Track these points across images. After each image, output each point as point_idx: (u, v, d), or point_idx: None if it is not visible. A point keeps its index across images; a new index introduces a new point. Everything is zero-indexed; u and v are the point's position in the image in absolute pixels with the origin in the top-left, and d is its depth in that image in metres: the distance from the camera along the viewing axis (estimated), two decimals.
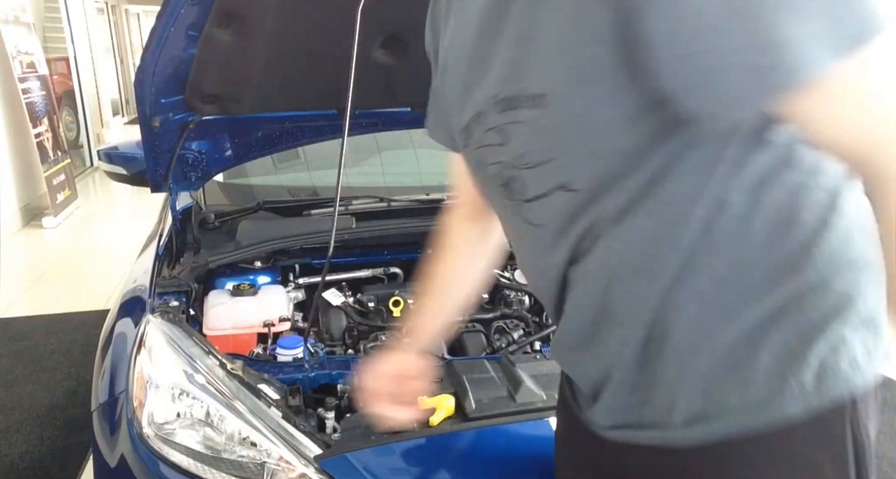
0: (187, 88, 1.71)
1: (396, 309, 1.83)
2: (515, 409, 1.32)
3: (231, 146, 2.06)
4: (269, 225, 2.05)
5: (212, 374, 1.32)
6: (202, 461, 1.21)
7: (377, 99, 2.02)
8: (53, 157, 5.95)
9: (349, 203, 2.09)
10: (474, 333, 1.75)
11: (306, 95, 1.90)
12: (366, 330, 1.78)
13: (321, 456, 1.21)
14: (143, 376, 1.34)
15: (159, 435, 1.25)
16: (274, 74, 1.79)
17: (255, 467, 1.21)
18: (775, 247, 0.67)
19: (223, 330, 1.66)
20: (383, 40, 1.81)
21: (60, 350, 3.21)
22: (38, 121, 5.77)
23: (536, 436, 1.31)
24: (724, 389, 0.70)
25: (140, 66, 1.56)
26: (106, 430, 1.36)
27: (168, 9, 1.44)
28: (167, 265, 1.86)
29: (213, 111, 1.84)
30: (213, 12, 1.51)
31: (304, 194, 2.42)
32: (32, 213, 5.81)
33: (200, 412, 1.27)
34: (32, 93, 5.79)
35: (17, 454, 2.38)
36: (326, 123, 2.08)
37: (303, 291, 1.93)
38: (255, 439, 1.23)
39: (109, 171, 2.36)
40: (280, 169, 2.60)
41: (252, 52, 1.68)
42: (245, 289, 1.78)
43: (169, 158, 1.85)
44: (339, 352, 1.70)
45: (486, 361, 1.49)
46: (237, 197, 2.38)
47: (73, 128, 8.09)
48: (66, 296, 4.07)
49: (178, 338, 1.41)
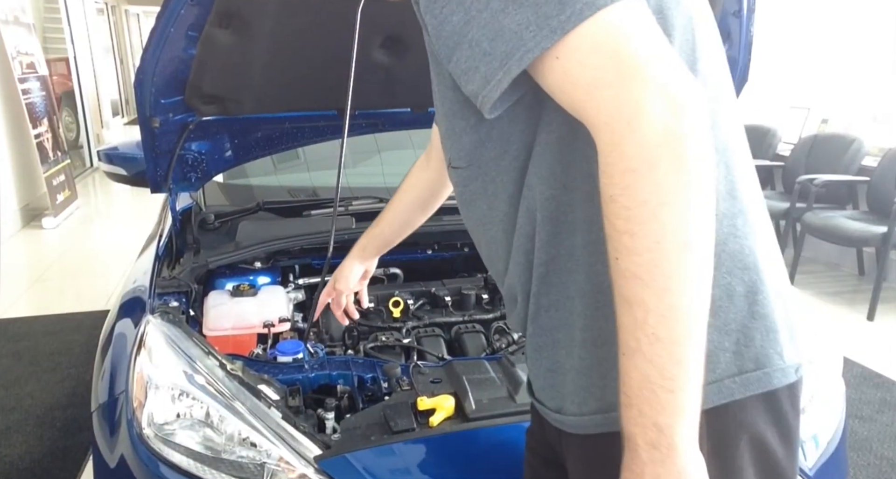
0: (187, 88, 1.71)
1: (396, 310, 1.83)
2: (515, 409, 1.31)
3: (231, 147, 2.06)
4: (269, 225, 2.05)
5: (212, 375, 1.32)
6: (202, 462, 1.21)
7: (377, 99, 2.02)
8: (53, 157, 5.95)
9: (349, 203, 2.09)
10: (474, 333, 1.75)
11: (306, 95, 1.90)
12: (366, 331, 1.78)
13: (321, 457, 1.21)
14: (142, 376, 1.34)
15: (159, 436, 1.25)
16: (274, 74, 1.79)
17: (254, 467, 1.21)
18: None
19: (223, 331, 1.66)
20: (383, 40, 1.81)
21: (60, 350, 3.21)
22: (37, 121, 5.78)
23: None
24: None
25: (140, 67, 1.56)
26: (106, 430, 1.36)
27: (168, 9, 1.44)
28: (167, 266, 1.86)
29: (213, 112, 1.84)
30: (213, 12, 1.51)
31: (304, 195, 2.42)
32: (32, 213, 5.81)
33: (200, 413, 1.27)
34: (32, 93, 5.79)
35: (17, 455, 2.38)
36: (326, 123, 2.08)
37: (303, 291, 1.93)
38: (255, 439, 1.23)
39: (109, 171, 2.36)
40: (280, 169, 2.60)
41: (252, 52, 1.68)
42: (245, 289, 1.78)
43: (169, 159, 1.85)
44: (339, 352, 1.70)
45: (486, 361, 1.49)
46: (237, 197, 2.38)
47: (72, 128, 8.09)
48: (66, 296, 4.07)
49: (177, 338, 1.41)
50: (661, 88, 0.60)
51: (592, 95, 0.63)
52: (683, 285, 0.61)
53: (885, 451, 2.49)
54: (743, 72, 1.88)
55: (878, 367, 3.16)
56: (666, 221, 0.60)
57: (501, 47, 0.66)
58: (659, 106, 0.60)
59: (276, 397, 1.36)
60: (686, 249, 0.61)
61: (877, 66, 4.75)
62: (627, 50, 0.62)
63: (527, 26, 0.64)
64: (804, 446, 1.42)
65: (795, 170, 4.60)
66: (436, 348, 1.69)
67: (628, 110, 0.60)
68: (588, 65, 0.62)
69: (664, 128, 0.60)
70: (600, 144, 0.63)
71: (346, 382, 1.49)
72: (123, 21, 13.87)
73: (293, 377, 1.48)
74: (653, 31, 0.64)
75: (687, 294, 0.61)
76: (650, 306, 0.61)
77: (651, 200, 0.60)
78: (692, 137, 0.61)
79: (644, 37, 0.63)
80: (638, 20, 0.63)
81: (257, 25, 1.60)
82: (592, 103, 0.63)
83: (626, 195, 0.61)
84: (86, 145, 8.18)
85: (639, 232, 0.61)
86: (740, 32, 1.78)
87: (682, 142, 0.60)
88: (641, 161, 0.60)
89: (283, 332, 1.71)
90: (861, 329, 3.68)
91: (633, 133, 0.60)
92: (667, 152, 0.60)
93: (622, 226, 0.62)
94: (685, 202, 0.60)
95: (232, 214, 2.14)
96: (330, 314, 1.83)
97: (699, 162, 0.61)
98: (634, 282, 0.62)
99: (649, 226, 0.60)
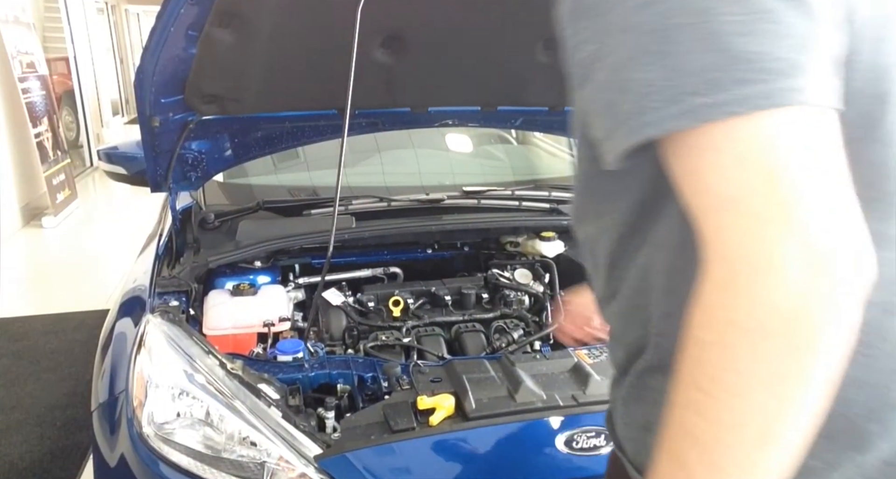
0: (187, 87, 1.71)
1: (396, 309, 1.83)
2: (515, 409, 1.32)
3: (231, 146, 2.06)
4: (269, 225, 2.05)
5: (212, 374, 1.33)
6: (202, 461, 1.21)
7: (377, 99, 2.02)
8: (53, 157, 5.95)
9: (349, 203, 2.09)
10: (474, 333, 1.76)
11: (306, 94, 1.90)
12: (366, 330, 1.78)
13: (321, 456, 1.21)
14: (142, 375, 1.34)
15: (159, 435, 1.25)
16: (274, 74, 1.79)
17: (255, 466, 1.21)
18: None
19: (223, 330, 1.66)
20: (383, 40, 1.81)
21: (60, 350, 3.21)
22: (37, 121, 5.77)
23: (536, 436, 1.31)
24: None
25: (140, 67, 1.56)
26: (106, 430, 1.36)
27: (168, 9, 1.44)
28: (167, 265, 1.86)
29: (213, 111, 1.84)
30: (213, 12, 1.51)
31: (304, 194, 2.42)
32: (32, 213, 5.81)
33: (200, 412, 1.27)
34: (32, 93, 5.79)
35: (17, 454, 2.38)
36: (326, 122, 2.08)
37: (303, 290, 1.93)
38: (255, 438, 1.23)
39: (109, 171, 2.36)
40: (280, 169, 2.60)
41: (252, 52, 1.68)
42: (245, 289, 1.78)
43: (169, 158, 1.85)
44: (339, 352, 1.70)
45: (486, 361, 1.49)
46: (237, 197, 2.38)
47: (72, 128, 8.09)
48: (66, 296, 4.07)
49: (177, 338, 1.41)
50: (814, 241, 0.48)
51: (721, 214, 0.51)
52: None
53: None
54: None
55: None
56: (758, 403, 0.49)
57: (626, 106, 0.54)
58: (799, 267, 0.48)
59: (276, 397, 1.36)
60: (768, 442, 0.49)
61: None
62: (787, 176, 0.49)
63: (662, 94, 0.52)
64: None
65: None
66: (436, 347, 1.69)
67: (755, 255, 0.49)
68: (728, 177, 0.50)
69: (799, 300, 0.48)
70: (710, 271, 0.52)
71: (346, 381, 1.49)
72: (123, 20, 13.86)
73: (293, 377, 1.48)
74: (832, 157, 0.51)
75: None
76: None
77: (748, 373, 0.49)
78: (833, 319, 0.48)
79: (816, 164, 0.49)
80: (815, 136, 0.50)
81: (257, 25, 1.60)
82: (718, 224, 0.51)
83: (720, 351, 0.50)
84: (86, 145, 8.18)
85: (719, 399, 0.50)
86: None
87: (818, 322, 0.48)
88: (756, 326, 0.48)
89: (283, 331, 1.71)
90: None
91: (756, 289, 0.48)
92: (791, 331, 0.48)
93: (700, 379, 0.51)
94: (791, 393, 0.49)
95: (232, 213, 2.14)
96: (330, 314, 1.83)
97: (830, 353, 0.49)
98: (686, 440, 0.53)
99: (734, 402, 0.50)
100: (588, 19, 0.57)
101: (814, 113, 0.50)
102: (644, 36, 0.52)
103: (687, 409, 0.52)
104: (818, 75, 0.50)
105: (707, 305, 0.51)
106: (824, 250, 0.48)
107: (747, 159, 0.49)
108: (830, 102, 0.51)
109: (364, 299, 1.87)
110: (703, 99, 0.50)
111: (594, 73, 0.57)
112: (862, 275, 0.49)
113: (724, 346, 0.50)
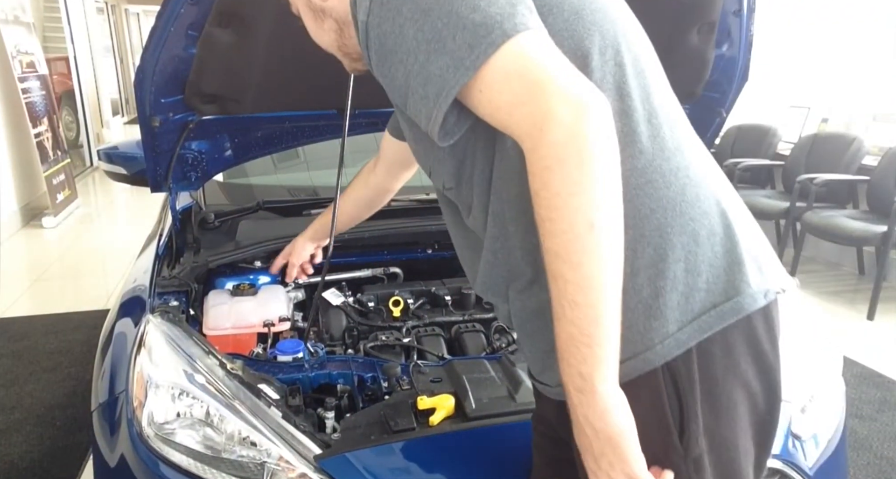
0: (187, 87, 1.71)
1: (396, 309, 1.83)
2: (515, 409, 1.32)
3: (231, 146, 2.06)
4: (269, 225, 2.05)
5: (212, 374, 1.32)
6: (202, 461, 1.21)
7: (377, 99, 2.00)
8: (53, 156, 5.95)
9: None
10: (474, 333, 1.75)
11: (306, 94, 1.90)
12: (366, 330, 1.78)
13: (321, 456, 1.21)
14: (142, 375, 1.34)
15: (159, 435, 1.25)
16: (274, 74, 1.79)
17: (255, 467, 1.21)
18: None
19: (223, 330, 1.66)
20: None
21: (60, 350, 3.21)
22: (37, 121, 5.78)
23: None
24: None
25: (140, 66, 1.56)
26: (106, 430, 1.36)
27: (168, 9, 1.43)
28: (167, 265, 1.86)
29: (213, 111, 1.84)
30: (213, 12, 1.51)
31: (304, 194, 2.42)
32: (32, 213, 5.81)
33: (200, 412, 1.27)
34: (32, 93, 5.79)
35: (17, 454, 2.38)
36: (326, 122, 2.08)
37: (303, 290, 1.93)
38: (255, 439, 1.23)
39: (109, 171, 2.36)
40: (280, 169, 2.60)
41: (252, 52, 1.68)
42: (245, 289, 1.78)
43: (169, 158, 1.84)
44: (339, 352, 1.70)
45: (486, 361, 1.49)
46: (237, 197, 2.38)
47: (72, 128, 8.10)
48: (66, 296, 4.07)
49: (177, 338, 1.41)
50: (565, 97, 0.72)
51: (513, 113, 0.75)
52: (593, 259, 0.73)
53: (885, 450, 2.49)
54: (743, 71, 1.88)
55: (877, 366, 3.16)
56: (575, 207, 0.72)
57: (432, 90, 0.78)
58: (564, 112, 0.71)
59: (276, 397, 1.36)
60: (593, 229, 0.72)
61: (876, 66, 4.75)
62: (533, 71, 0.74)
63: (446, 69, 0.76)
64: (804, 445, 1.42)
65: (795, 169, 4.60)
66: (436, 347, 1.69)
67: (540, 119, 0.72)
68: (504, 90, 0.75)
69: (569, 130, 0.71)
70: (525, 152, 0.75)
71: (346, 381, 1.49)
72: (123, 20, 13.87)
73: (293, 377, 1.48)
74: (552, 52, 0.76)
75: (597, 266, 0.73)
76: (568, 277, 0.74)
77: (563, 191, 0.72)
78: (595, 135, 0.71)
79: (545, 58, 0.75)
80: (537, 45, 0.76)
81: (257, 25, 1.60)
82: (514, 120, 0.75)
83: (545, 189, 0.73)
84: (86, 145, 8.18)
85: (555, 218, 0.73)
86: (740, 32, 1.78)
87: (586, 140, 0.71)
88: (553, 159, 0.72)
89: (283, 331, 1.71)
90: (861, 329, 3.68)
91: (544, 137, 0.72)
92: (573, 151, 0.71)
93: (544, 213, 0.74)
94: (591, 192, 0.71)
95: (232, 213, 2.14)
96: (330, 314, 1.83)
97: (602, 156, 0.72)
98: (556, 259, 0.74)
99: (562, 212, 0.72)
100: (390, 60, 0.81)
101: (534, 32, 0.76)
102: (425, 45, 0.77)
103: (545, 238, 0.75)
104: (529, 13, 0.77)
105: (530, 166, 0.74)
106: (577, 98, 0.72)
107: (511, 73, 0.74)
108: (540, 25, 0.78)
109: (364, 299, 1.87)
110: (470, 57, 0.75)
111: (409, 87, 0.80)
112: (602, 105, 0.73)
113: (544, 182, 0.73)
